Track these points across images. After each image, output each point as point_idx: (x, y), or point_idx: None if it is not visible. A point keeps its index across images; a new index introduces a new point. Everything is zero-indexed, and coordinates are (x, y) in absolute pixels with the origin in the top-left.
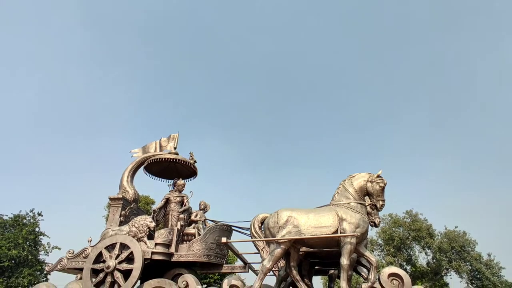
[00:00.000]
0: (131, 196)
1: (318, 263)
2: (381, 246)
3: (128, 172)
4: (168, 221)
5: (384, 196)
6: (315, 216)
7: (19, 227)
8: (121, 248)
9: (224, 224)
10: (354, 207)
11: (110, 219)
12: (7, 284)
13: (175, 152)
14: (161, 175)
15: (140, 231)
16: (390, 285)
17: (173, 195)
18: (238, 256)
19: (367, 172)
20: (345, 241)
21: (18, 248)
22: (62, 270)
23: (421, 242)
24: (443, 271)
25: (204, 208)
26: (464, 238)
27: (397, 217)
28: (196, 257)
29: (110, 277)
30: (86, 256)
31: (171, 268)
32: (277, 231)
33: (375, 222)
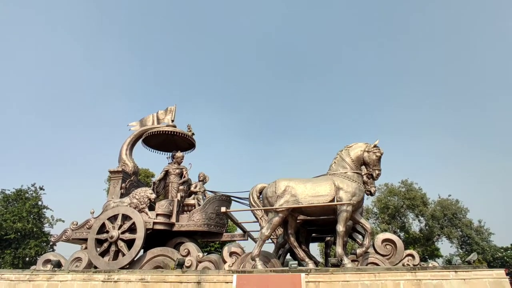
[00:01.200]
0: (130, 169)
1: (315, 231)
2: (376, 215)
3: (127, 146)
4: (168, 193)
5: (380, 166)
6: (313, 185)
7: (22, 201)
8: (123, 219)
9: (223, 194)
10: (350, 176)
11: (111, 191)
12: (15, 255)
13: (172, 124)
14: (159, 148)
15: (141, 203)
16: (384, 250)
17: (172, 167)
18: (237, 225)
19: (364, 142)
20: (341, 209)
21: (22, 221)
22: (67, 240)
23: (415, 210)
24: (435, 237)
25: (203, 179)
26: (457, 206)
27: (392, 186)
28: (196, 226)
29: (114, 246)
30: (89, 227)
31: (172, 237)
32: (275, 200)
33: (371, 191)
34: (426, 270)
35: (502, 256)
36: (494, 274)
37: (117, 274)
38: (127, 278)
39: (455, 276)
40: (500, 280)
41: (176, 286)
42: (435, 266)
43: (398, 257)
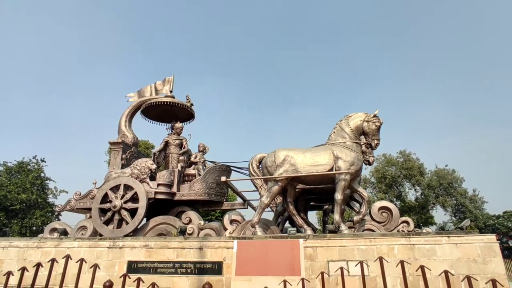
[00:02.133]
0: (130, 140)
1: (313, 199)
2: (373, 184)
3: (126, 117)
4: (168, 163)
5: (379, 136)
6: (312, 155)
7: (24, 173)
8: (125, 189)
9: (223, 164)
10: (349, 146)
11: (112, 162)
12: (22, 225)
13: (171, 95)
14: (158, 119)
15: (142, 173)
16: (380, 217)
17: (172, 138)
18: (237, 194)
19: (363, 112)
20: (340, 177)
21: (27, 193)
22: (72, 210)
23: (412, 180)
24: (430, 205)
25: (203, 150)
26: (453, 176)
27: (390, 157)
28: (197, 196)
29: (117, 215)
30: (92, 197)
31: (174, 206)
32: (274, 170)
33: (369, 160)
34: (420, 235)
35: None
36: (485, 239)
37: (122, 241)
38: (132, 245)
39: (448, 241)
40: (490, 244)
41: (178, 252)
42: (429, 232)
43: (394, 224)
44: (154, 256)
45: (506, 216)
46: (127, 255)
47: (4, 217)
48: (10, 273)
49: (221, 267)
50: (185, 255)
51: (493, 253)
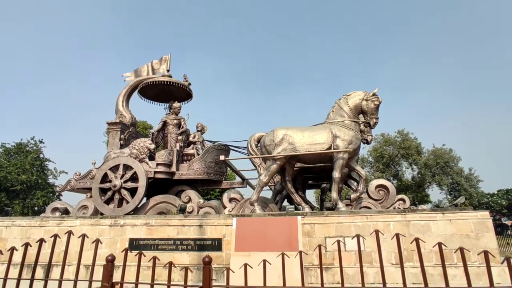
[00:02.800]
0: (128, 120)
1: (311, 178)
2: (371, 163)
3: (123, 97)
4: (167, 143)
5: (378, 114)
6: (310, 133)
7: (23, 154)
8: (124, 169)
9: (222, 144)
10: (348, 125)
11: (111, 143)
12: (23, 205)
13: (168, 74)
14: (156, 98)
15: (141, 153)
16: (377, 195)
17: (170, 118)
18: (236, 172)
19: (363, 90)
20: (338, 156)
21: (27, 173)
22: (72, 190)
23: (409, 159)
24: (426, 184)
25: (201, 129)
26: (450, 155)
27: (388, 136)
28: (196, 175)
29: (118, 194)
30: (92, 177)
31: (173, 185)
32: (273, 149)
33: (367, 139)
34: (415, 212)
35: (488, 201)
36: (479, 215)
37: (123, 219)
38: (133, 223)
39: (442, 217)
40: (484, 220)
41: (179, 229)
42: (424, 209)
43: (390, 202)
44: (155, 234)
45: (500, 194)
46: (129, 232)
47: (6, 197)
48: (13, 248)
49: (220, 244)
50: (185, 233)
51: (486, 228)
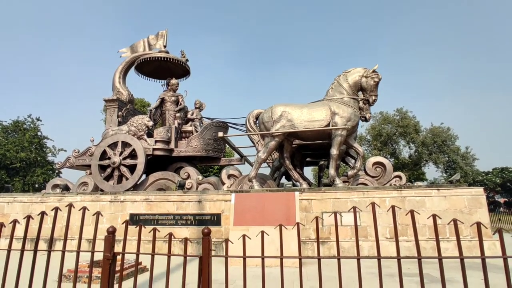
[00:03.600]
0: (125, 97)
1: (309, 155)
2: (369, 142)
3: (119, 73)
4: (165, 120)
5: (377, 92)
6: (309, 110)
7: (21, 132)
8: (123, 146)
9: (220, 121)
10: (347, 102)
11: (108, 120)
12: (24, 182)
13: (165, 50)
14: (153, 75)
15: (139, 130)
16: (374, 172)
17: (168, 95)
18: (234, 149)
19: (362, 67)
20: (336, 133)
21: (25, 151)
22: (71, 167)
23: (407, 138)
24: (423, 162)
25: (199, 106)
26: (447, 134)
27: (387, 114)
28: (195, 152)
29: (117, 171)
30: (91, 154)
31: (172, 162)
32: (271, 125)
33: (366, 117)
34: (411, 188)
35: (483, 179)
36: (473, 192)
37: (123, 195)
38: (133, 199)
39: (437, 193)
40: (477, 196)
41: (178, 205)
42: (420, 185)
43: (387, 178)
44: (155, 209)
45: (495, 172)
46: (129, 208)
47: (6, 175)
48: (16, 221)
49: (219, 219)
50: (184, 208)
51: (479, 204)
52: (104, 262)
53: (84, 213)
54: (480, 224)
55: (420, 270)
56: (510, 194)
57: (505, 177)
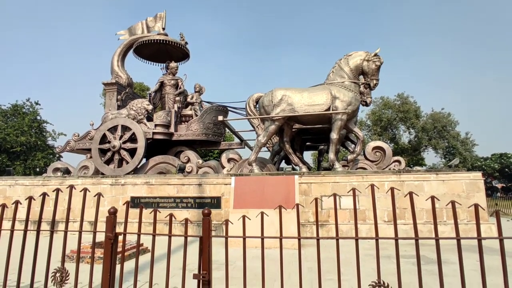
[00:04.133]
0: (124, 81)
1: (309, 139)
2: (369, 127)
3: (118, 56)
4: (165, 104)
5: (379, 76)
6: (309, 94)
7: (20, 116)
8: (123, 129)
9: (220, 105)
10: (347, 86)
11: (108, 104)
12: (25, 166)
13: (163, 33)
14: (152, 58)
15: (139, 114)
16: (373, 156)
17: (167, 78)
18: (234, 133)
19: (364, 51)
20: (336, 117)
21: (25, 135)
22: (71, 151)
23: (407, 123)
24: (422, 148)
25: (199, 90)
26: (448, 119)
27: (388, 99)
28: (195, 136)
29: (117, 155)
30: (91, 138)
31: (172, 146)
32: (271, 109)
33: (367, 101)
34: (409, 173)
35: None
36: (471, 176)
37: (124, 178)
38: (133, 182)
39: (436, 178)
40: (476, 181)
41: (179, 188)
42: (419, 169)
43: (386, 163)
44: (156, 192)
45: (493, 158)
46: (130, 191)
47: (7, 159)
48: (17, 202)
49: (219, 202)
50: (185, 191)
51: (477, 188)
52: (106, 242)
53: (85, 194)
54: (477, 205)
55: (417, 250)
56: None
57: (504, 163)
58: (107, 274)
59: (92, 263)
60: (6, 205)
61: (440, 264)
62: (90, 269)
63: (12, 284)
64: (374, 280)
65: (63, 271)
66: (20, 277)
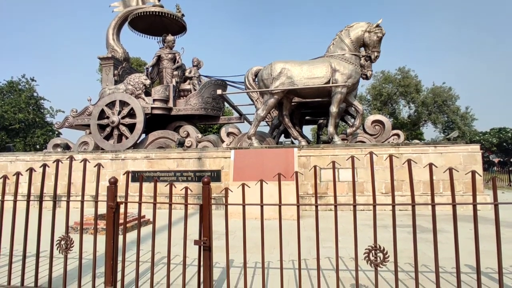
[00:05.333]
0: (120, 55)
1: (308, 114)
2: (369, 102)
3: (113, 30)
4: (162, 79)
5: (380, 48)
6: (309, 67)
7: (16, 93)
8: (121, 105)
9: (219, 79)
10: (348, 58)
11: (105, 79)
12: (25, 143)
13: (159, 4)
14: (148, 31)
15: (137, 89)
16: (372, 130)
17: (164, 52)
18: (233, 107)
19: (366, 22)
20: (336, 90)
21: (23, 112)
22: (70, 127)
23: (407, 97)
24: (422, 122)
25: (197, 64)
26: (448, 94)
27: (388, 73)
28: (194, 110)
29: (116, 130)
30: (89, 113)
31: (171, 121)
32: (270, 83)
33: (367, 74)
34: (408, 145)
35: (479, 139)
36: (469, 149)
37: (124, 153)
38: (133, 156)
39: (434, 150)
40: (473, 153)
41: (178, 162)
42: (417, 142)
43: (385, 136)
44: (156, 166)
45: (492, 132)
46: (130, 166)
47: (6, 136)
48: (19, 173)
49: (219, 175)
50: (185, 165)
51: (474, 161)
52: (108, 211)
53: (85, 164)
54: (475, 172)
55: (413, 216)
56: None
57: (502, 137)
58: (110, 242)
59: (95, 233)
60: (7, 176)
61: (435, 230)
62: (94, 238)
63: (18, 253)
64: (371, 245)
65: (68, 239)
66: (26, 246)
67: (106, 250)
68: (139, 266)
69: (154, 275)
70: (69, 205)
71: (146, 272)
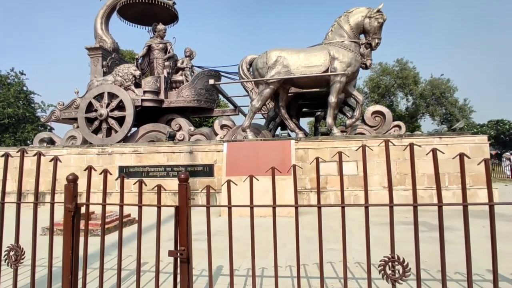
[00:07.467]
0: (109, 46)
1: (306, 105)
2: (366, 94)
3: (101, 19)
4: (153, 70)
5: (381, 34)
6: (306, 55)
7: (5, 87)
8: (109, 97)
9: (212, 69)
10: (347, 45)
11: (93, 70)
12: (15, 138)
13: None
14: (137, 21)
15: (126, 80)
16: (373, 121)
17: (155, 42)
18: (227, 99)
19: (366, 7)
20: (335, 80)
21: (12, 107)
22: (57, 120)
23: (405, 89)
24: (419, 115)
25: (190, 55)
26: (446, 86)
27: (386, 65)
28: (186, 102)
29: (105, 124)
30: (77, 106)
31: (163, 114)
32: (266, 72)
33: (367, 64)
34: (412, 137)
35: (477, 131)
36: (476, 140)
37: (111, 147)
38: (121, 151)
39: (439, 141)
40: (481, 145)
41: (169, 156)
42: (421, 133)
43: (386, 128)
44: (145, 161)
45: (490, 125)
46: (118, 160)
47: None
48: None
49: (212, 169)
50: (175, 159)
51: (481, 152)
52: (65, 215)
53: (56, 163)
54: (488, 160)
55: (414, 219)
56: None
57: (500, 130)
58: (68, 252)
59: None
60: None
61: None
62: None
63: None
64: (387, 255)
65: (18, 249)
66: None
67: (64, 261)
68: (106, 278)
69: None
70: (36, 206)
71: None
